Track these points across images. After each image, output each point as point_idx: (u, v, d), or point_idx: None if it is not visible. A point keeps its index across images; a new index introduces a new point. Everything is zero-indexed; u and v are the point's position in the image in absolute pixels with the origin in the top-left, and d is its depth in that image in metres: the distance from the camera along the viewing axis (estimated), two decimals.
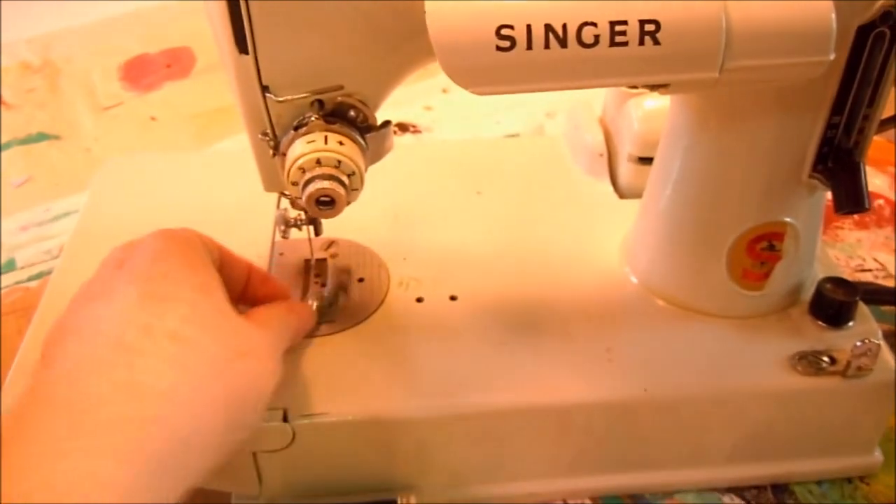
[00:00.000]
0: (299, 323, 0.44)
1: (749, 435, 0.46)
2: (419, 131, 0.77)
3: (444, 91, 0.81)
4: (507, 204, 0.55)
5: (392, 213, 0.55)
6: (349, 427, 0.43)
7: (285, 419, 0.41)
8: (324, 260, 0.51)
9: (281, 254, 0.52)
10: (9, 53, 0.86)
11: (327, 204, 0.36)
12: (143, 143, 0.75)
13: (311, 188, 0.35)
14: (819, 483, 0.48)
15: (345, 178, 0.36)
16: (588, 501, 0.47)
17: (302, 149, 0.35)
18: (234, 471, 0.43)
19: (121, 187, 0.58)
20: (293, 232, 0.48)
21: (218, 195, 0.57)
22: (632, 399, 0.43)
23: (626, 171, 0.55)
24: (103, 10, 0.92)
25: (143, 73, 0.84)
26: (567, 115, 0.60)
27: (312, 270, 0.50)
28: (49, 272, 0.61)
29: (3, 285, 0.61)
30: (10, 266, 0.63)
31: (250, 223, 0.54)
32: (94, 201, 0.56)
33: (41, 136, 0.76)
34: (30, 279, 0.61)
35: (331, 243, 0.52)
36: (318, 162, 0.35)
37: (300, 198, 0.36)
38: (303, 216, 0.48)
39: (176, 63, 0.86)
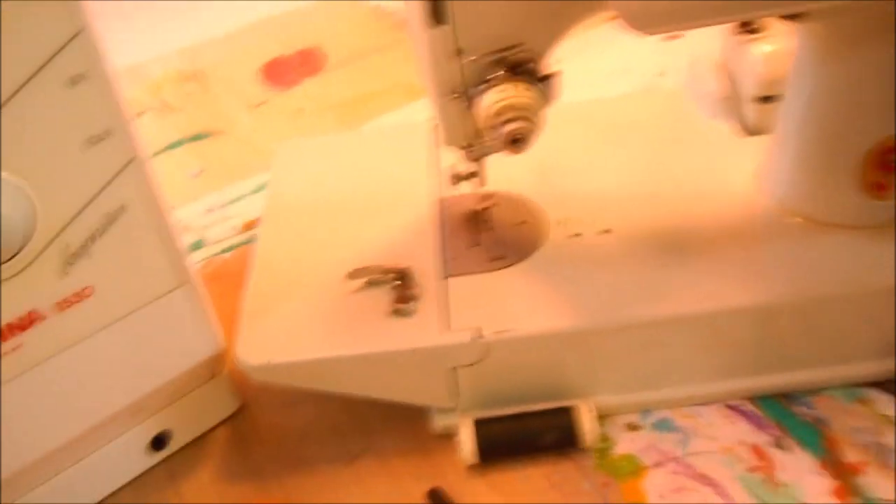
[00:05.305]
0: None
1: (889, 331, 0.51)
2: None
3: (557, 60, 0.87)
4: (644, 151, 0.61)
5: (538, 166, 0.62)
6: (532, 340, 0.50)
7: (480, 337, 0.49)
8: (488, 209, 0.58)
9: (448, 208, 0.59)
10: (165, 64, 0.97)
11: (519, 142, 0.43)
12: (295, 132, 0.84)
13: (508, 128, 0.42)
14: None
15: (532, 119, 0.43)
16: (746, 402, 0.53)
17: (495, 97, 0.43)
18: (435, 386, 0.51)
19: (296, 167, 0.66)
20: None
21: (380, 166, 0.65)
22: (778, 302, 0.49)
23: (750, 111, 0.60)
24: (238, 20, 1.03)
25: (282, 72, 0.94)
26: (687, 69, 0.66)
27: (480, 218, 0.57)
28: (238, 245, 0.71)
29: (197, 260, 0.70)
30: (198, 245, 0.72)
31: (416, 185, 0.62)
32: (277, 180, 0.65)
33: (206, 134, 0.86)
34: (223, 251, 0.70)
35: (490, 195, 0.59)
36: (511, 106, 0.42)
37: (496, 138, 0.43)
38: (470, 170, 0.55)
39: (309, 62, 0.95)
